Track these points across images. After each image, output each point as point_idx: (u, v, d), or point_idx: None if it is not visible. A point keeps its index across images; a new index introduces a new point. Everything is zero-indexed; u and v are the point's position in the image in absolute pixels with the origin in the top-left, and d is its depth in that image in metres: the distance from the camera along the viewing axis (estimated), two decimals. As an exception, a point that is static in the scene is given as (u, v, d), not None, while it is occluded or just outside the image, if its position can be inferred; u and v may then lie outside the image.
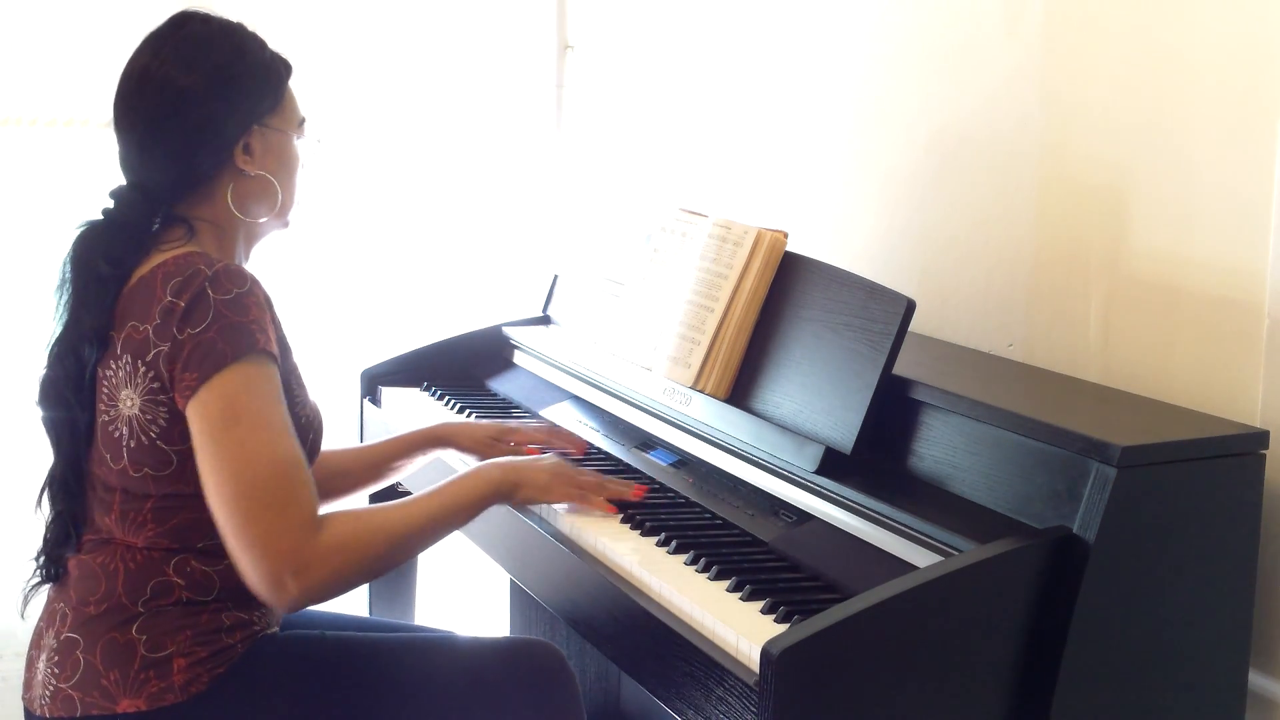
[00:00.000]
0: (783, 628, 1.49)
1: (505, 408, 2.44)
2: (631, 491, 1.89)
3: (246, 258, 1.81)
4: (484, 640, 1.86)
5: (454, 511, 1.72)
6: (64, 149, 2.96)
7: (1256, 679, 1.68)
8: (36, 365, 1.72)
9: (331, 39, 3.22)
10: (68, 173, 2.86)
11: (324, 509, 2.01)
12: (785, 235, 1.99)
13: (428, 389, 2.51)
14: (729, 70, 2.75)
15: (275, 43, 1.81)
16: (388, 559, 1.65)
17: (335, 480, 2.04)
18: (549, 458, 1.89)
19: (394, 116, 3.32)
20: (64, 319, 1.69)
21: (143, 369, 1.61)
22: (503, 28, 3.37)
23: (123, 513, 1.66)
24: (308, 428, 1.76)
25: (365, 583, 1.66)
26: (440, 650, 1.81)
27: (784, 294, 1.95)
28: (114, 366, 1.63)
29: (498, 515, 1.96)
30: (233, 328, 1.58)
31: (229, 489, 1.55)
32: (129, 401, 1.62)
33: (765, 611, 1.55)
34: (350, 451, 2.09)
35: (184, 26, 1.73)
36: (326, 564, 1.57)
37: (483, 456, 2.05)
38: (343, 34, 3.24)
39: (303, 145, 1.83)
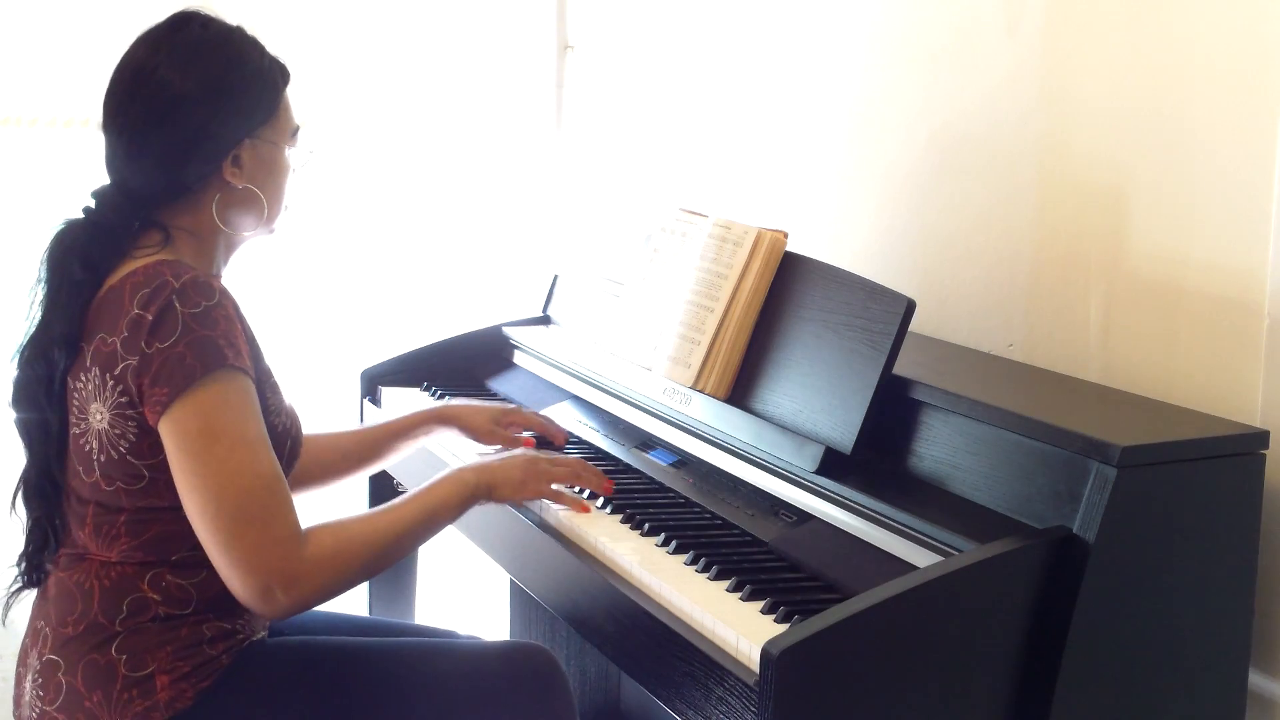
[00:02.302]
0: (783, 628, 1.48)
1: (505, 408, 2.44)
2: (603, 486, 1.90)
3: (225, 264, 1.78)
4: (476, 644, 1.85)
5: (432, 517, 1.73)
6: (63, 149, 2.97)
7: (1256, 679, 1.68)
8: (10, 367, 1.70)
9: (332, 40, 3.22)
10: (67, 173, 2.87)
11: (320, 492, 2.03)
12: (785, 235, 1.99)
13: (428, 389, 2.51)
14: (728, 70, 2.75)
15: (274, 45, 1.78)
16: (371, 566, 1.66)
17: (337, 462, 2.04)
18: (521, 453, 1.89)
19: (395, 117, 3.33)
20: (36, 320, 1.67)
21: (110, 383, 1.58)
22: (503, 28, 3.37)
23: (96, 526, 1.64)
24: (285, 435, 1.74)
25: (351, 588, 1.67)
26: (432, 655, 1.80)
27: (784, 294, 1.95)
28: (84, 379, 1.61)
29: (497, 515, 1.96)
30: (201, 342, 1.56)
31: (213, 507, 1.55)
32: (98, 415, 1.60)
33: (765, 611, 1.55)
34: (352, 433, 2.08)
35: (183, 29, 1.69)
36: (314, 576, 1.58)
37: (483, 441, 2.10)
38: (343, 35, 3.24)
39: (294, 154, 1.79)
